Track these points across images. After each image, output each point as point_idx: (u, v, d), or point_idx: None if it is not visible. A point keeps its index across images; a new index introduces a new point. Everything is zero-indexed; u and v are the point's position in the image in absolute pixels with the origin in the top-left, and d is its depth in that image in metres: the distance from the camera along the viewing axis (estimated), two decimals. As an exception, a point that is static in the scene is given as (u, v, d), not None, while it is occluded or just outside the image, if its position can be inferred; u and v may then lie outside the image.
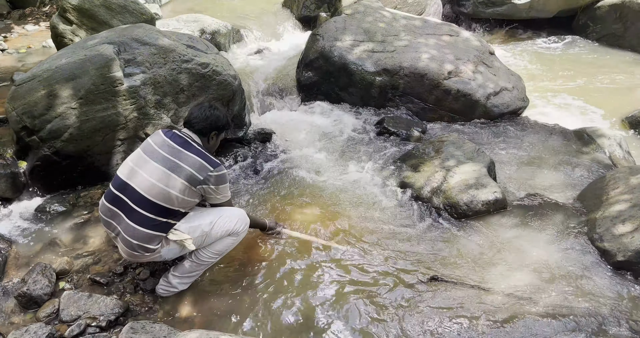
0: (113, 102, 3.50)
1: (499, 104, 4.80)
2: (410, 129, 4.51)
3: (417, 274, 2.98)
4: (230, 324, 2.69)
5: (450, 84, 4.73)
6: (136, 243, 2.56)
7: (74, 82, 3.40)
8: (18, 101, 3.40)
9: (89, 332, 2.56)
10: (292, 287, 2.91)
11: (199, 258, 2.78)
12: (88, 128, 3.46)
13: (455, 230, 3.33)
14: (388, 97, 4.89)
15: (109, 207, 2.63)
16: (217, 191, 2.69)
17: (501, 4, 7.76)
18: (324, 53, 4.94)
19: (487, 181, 3.49)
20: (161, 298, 2.84)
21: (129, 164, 2.67)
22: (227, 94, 3.98)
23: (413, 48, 4.95)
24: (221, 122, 2.76)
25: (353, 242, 3.25)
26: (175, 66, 3.72)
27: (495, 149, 4.30)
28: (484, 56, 5.15)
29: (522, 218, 3.42)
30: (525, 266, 3.01)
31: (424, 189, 3.59)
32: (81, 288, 2.86)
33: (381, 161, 4.14)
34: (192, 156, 2.61)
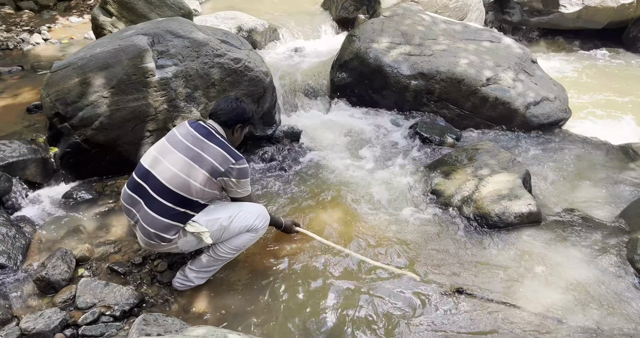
0: (144, 93, 3.51)
1: (539, 114, 4.60)
2: (444, 135, 4.37)
3: (441, 285, 2.85)
4: (243, 324, 2.63)
5: (488, 91, 4.57)
6: (153, 232, 2.53)
7: (107, 72, 3.42)
8: (52, 88, 3.45)
9: (102, 321, 2.54)
10: (309, 291, 2.82)
11: (217, 253, 2.73)
12: (118, 118, 3.48)
13: (484, 242, 3.17)
14: (423, 102, 4.76)
15: (130, 194, 2.62)
16: (238, 185, 2.64)
17: (548, 13, 7.50)
18: (359, 54, 4.85)
19: (521, 193, 3.32)
20: (177, 291, 2.81)
21: (152, 153, 2.65)
22: (258, 91, 3.94)
23: (451, 53, 4.81)
24: (246, 115, 2.71)
25: (374, 248, 3.14)
26: (208, 60, 3.71)
27: (532, 161, 4.12)
28: (525, 63, 4.96)
29: (557, 233, 3.23)
30: (557, 285, 2.84)
31: (454, 197, 3.45)
32: (99, 276, 2.85)
33: (411, 167, 4.01)
34: (215, 147, 2.57)
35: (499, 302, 2.72)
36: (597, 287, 2.80)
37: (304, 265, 2.99)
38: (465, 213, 3.34)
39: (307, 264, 3.00)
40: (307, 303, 2.73)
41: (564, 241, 3.16)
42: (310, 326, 2.60)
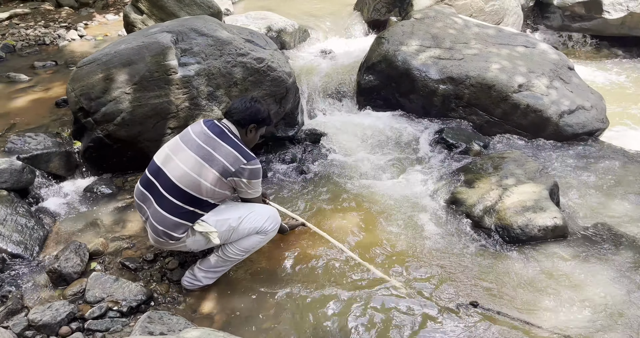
0: (166, 90, 3.53)
1: (573, 124, 4.40)
2: (471, 142, 4.23)
3: (454, 297, 2.74)
4: (249, 327, 2.59)
5: (519, 97, 4.40)
6: (161, 229, 2.52)
7: (130, 68, 3.45)
8: (77, 83, 3.51)
9: (109, 316, 2.54)
10: (319, 298, 2.75)
11: (225, 253, 2.70)
12: (140, 114, 3.50)
13: (504, 255, 3.04)
14: (451, 107, 4.63)
15: (142, 191, 2.62)
16: (249, 185, 2.60)
17: (590, 18, 7.20)
18: (387, 57, 4.76)
19: (547, 205, 3.17)
20: (186, 290, 2.79)
21: (165, 150, 2.64)
22: (280, 91, 3.91)
23: (483, 57, 4.66)
24: (261, 115, 2.67)
25: (389, 255, 3.05)
26: (231, 58, 3.70)
27: (562, 172, 3.93)
28: (561, 70, 4.76)
29: (583, 249, 3.07)
30: (581, 305, 2.68)
31: (475, 207, 3.32)
32: (111, 270, 2.86)
33: (434, 173, 3.90)
34: (226, 147, 2.54)
35: (516, 318, 2.59)
36: (624, 309, 2.63)
37: (317, 270, 2.93)
38: (487, 224, 3.21)
39: (320, 269, 2.94)
40: (316, 311, 2.67)
41: (591, 259, 2.99)
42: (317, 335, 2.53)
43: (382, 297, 2.75)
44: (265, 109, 2.71)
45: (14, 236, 2.91)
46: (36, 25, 6.08)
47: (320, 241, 3.16)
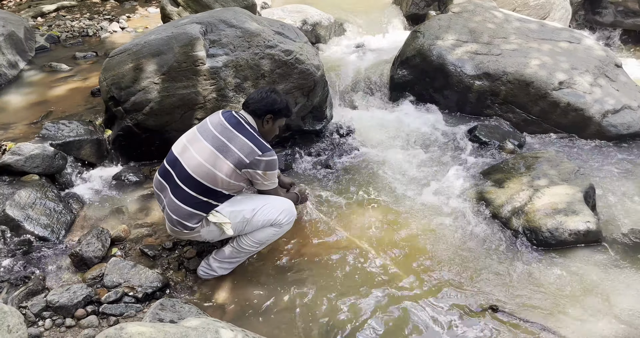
0: (194, 81, 3.55)
1: (618, 124, 4.15)
2: (505, 140, 4.06)
3: (474, 301, 2.63)
4: (261, 320, 2.57)
5: (559, 95, 4.19)
6: (176, 219, 2.54)
7: (159, 58, 3.49)
8: (109, 72, 3.58)
9: (124, 301, 2.58)
10: (337, 293, 2.71)
11: (240, 245, 2.70)
12: (168, 104, 3.55)
13: (531, 259, 2.90)
14: (486, 104, 4.47)
15: (160, 180, 2.64)
16: (265, 177, 2.58)
17: (645, 14, 6.81)
18: (422, 51, 4.64)
19: (581, 208, 3.00)
20: (201, 279, 2.81)
21: (182, 141, 2.66)
22: (308, 84, 3.87)
23: (522, 53, 4.47)
24: (277, 105, 2.63)
25: (409, 254, 2.97)
26: (259, 50, 3.69)
27: (601, 174, 3.72)
28: (607, 67, 4.50)
29: (618, 256, 2.89)
30: (612, 315, 2.52)
31: (503, 207, 3.19)
32: (130, 257, 2.91)
33: (464, 172, 3.76)
34: (242, 138, 2.53)
35: (538, 325, 2.47)
36: (656, 322, 2.46)
37: (336, 265, 2.89)
38: (514, 225, 3.07)
39: (340, 263, 2.90)
40: (331, 307, 2.62)
41: (625, 267, 2.81)
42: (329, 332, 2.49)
43: (400, 295, 2.68)
44: (282, 100, 2.67)
45: (42, 219, 3.00)
46: (81, 18, 6.28)
47: (340, 235, 3.11)
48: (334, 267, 2.89)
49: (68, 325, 2.41)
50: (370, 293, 2.71)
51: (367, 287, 2.74)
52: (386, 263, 2.91)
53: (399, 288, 2.73)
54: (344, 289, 2.74)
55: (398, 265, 2.89)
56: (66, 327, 2.41)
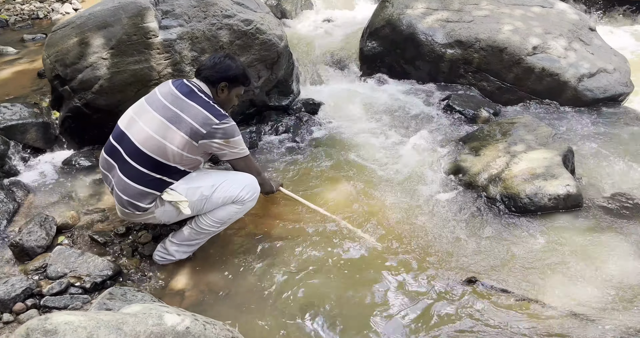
0: (146, 55, 3.29)
1: (594, 88, 4.02)
2: (479, 109, 3.90)
3: (452, 273, 2.46)
4: (224, 305, 2.37)
5: (534, 60, 4.03)
6: (126, 199, 2.30)
7: (106, 31, 3.22)
8: (52, 49, 3.30)
9: (70, 292, 2.35)
10: (306, 271, 2.51)
11: (199, 225, 2.47)
12: (119, 81, 3.28)
13: (510, 227, 2.74)
14: (459, 73, 4.29)
15: (106, 159, 2.40)
16: (228, 145, 2.35)
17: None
18: (391, 21, 4.43)
19: (560, 172, 2.85)
20: (158, 265, 2.58)
21: (129, 113, 2.42)
22: (271, 56, 3.63)
23: (494, 19, 4.29)
24: (232, 72, 2.40)
25: (384, 226, 2.79)
26: (216, 21, 3.44)
27: (579, 139, 3.58)
28: (581, 31, 4.36)
29: (600, 221, 2.75)
30: (596, 281, 2.38)
31: (480, 175, 3.02)
32: (78, 245, 2.67)
33: (438, 142, 3.59)
34: (196, 107, 2.30)
35: (518, 295, 2.31)
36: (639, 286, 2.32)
37: (305, 244, 2.69)
38: (492, 193, 2.91)
39: (310, 243, 2.70)
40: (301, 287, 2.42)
41: (607, 231, 2.67)
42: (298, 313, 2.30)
43: (375, 271, 2.50)
44: (238, 66, 2.43)
45: (-21, 209, 2.74)
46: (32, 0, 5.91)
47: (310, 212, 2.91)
48: (303, 246, 2.69)
49: (5, 320, 2.17)
50: (343, 271, 2.52)
51: (339, 265, 2.55)
52: (359, 238, 2.72)
53: (374, 264, 2.55)
54: (313, 269, 2.54)
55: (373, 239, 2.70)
56: (3, 322, 2.17)
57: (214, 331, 1.64)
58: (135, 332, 1.46)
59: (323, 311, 2.29)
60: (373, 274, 2.50)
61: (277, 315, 2.28)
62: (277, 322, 2.25)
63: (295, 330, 2.20)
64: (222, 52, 2.50)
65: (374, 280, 2.46)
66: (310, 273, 2.51)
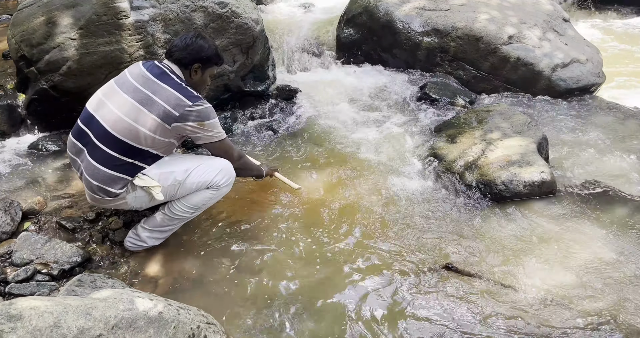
0: (117, 36, 3.17)
1: (567, 78, 4.07)
2: (455, 97, 3.91)
3: (428, 260, 2.46)
4: (198, 292, 2.32)
5: (509, 50, 4.06)
6: (96, 185, 2.22)
7: (74, 10, 3.09)
8: (17, 28, 3.16)
9: (37, 279, 2.26)
10: (283, 260, 2.48)
11: (172, 211, 2.41)
12: (88, 63, 3.16)
13: (486, 214, 2.76)
14: (436, 62, 4.29)
15: (74, 142, 2.31)
16: (204, 128, 2.27)
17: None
18: (368, 8, 4.40)
19: (535, 159, 2.87)
20: (129, 252, 2.51)
21: (98, 96, 2.32)
22: (247, 40, 3.56)
23: (471, 8, 4.30)
24: (205, 52, 2.32)
25: (360, 213, 2.77)
26: (190, 2, 3.34)
27: (553, 128, 3.63)
28: (555, 21, 4.41)
29: (573, 207, 2.79)
30: (569, 266, 2.42)
31: (456, 162, 3.03)
32: (45, 231, 2.57)
33: (414, 129, 3.59)
34: (168, 89, 2.22)
35: (495, 281, 2.33)
36: (613, 271, 2.37)
37: (281, 231, 2.65)
38: (468, 180, 2.92)
39: (286, 229, 2.66)
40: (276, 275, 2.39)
41: (581, 217, 2.72)
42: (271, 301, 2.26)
43: (350, 259, 2.48)
44: (210, 46, 2.36)
45: (-61, 194, 2.61)
46: (-4, -20, 5.66)
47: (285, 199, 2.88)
48: (280, 233, 2.65)
49: (-33, 309, 2.08)
50: (317, 259, 2.49)
51: (313, 252, 2.53)
52: (334, 226, 2.70)
53: (348, 251, 2.53)
54: (289, 256, 2.51)
55: (347, 228, 2.68)
56: (-35, 311, 2.07)
57: (187, 316, 1.60)
58: (105, 317, 1.41)
59: (298, 297, 2.26)
60: (349, 259, 2.48)
61: (251, 301, 2.25)
62: (251, 308, 2.21)
63: (270, 316, 2.17)
64: (193, 32, 2.41)
65: (350, 265, 2.44)
66: (286, 259, 2.48)
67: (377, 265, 2.43)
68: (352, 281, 2.35)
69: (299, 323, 2.14)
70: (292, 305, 2.22)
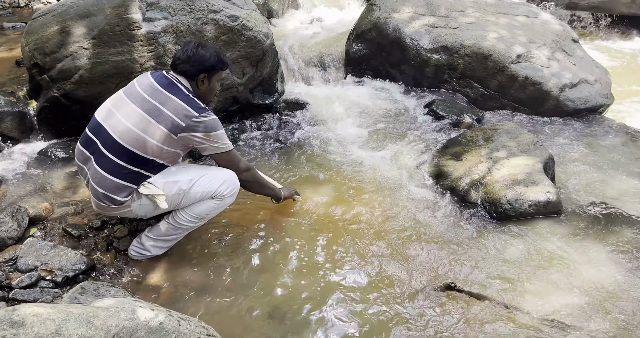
0: (129, 47, 3.22)
1: (575, 98, 4.07)
2: (463, 114, 3.92)
3: (431, 278, 2.45)
4: (200, 301, 2.32)
5: (517, 69, 4.07)
6: (102, 192, 2.24)
7: (88, 21, 3.15)
8: (32, 36, 3.21)
9: (40, 286, 2.27)
10: (285, 272, 2.48)
11: (176, 220, 2.42)
12: (100, 72, 3.21)
13: (490, 233, 2.75)
14: (444, 79, 4.31)
15: (82, 151, 2.34)
16: (210, 139, 2.29)
17: (599, -5, 6.83)
18: (378, 24, 4.44)
19: (540, 179, 2.87)
20: (133, 261, 2.52)
21: (107, 105, 2.36)
22: (256, 53, 3.60)
23: (480, 26, 4.33)
24: (208, 62, 2.34)
25: (364, 230, 2.77)
26: (202, 15, 3.39)
27: (560, 147, 3.62)
28: (564, 42, 4.42)
29: (579, 228, 2.77)
30: (574, 287, 2.39)
31: (461, 180, 3.02)
32: (51, 237, 2.59)
33: (420, 146, 3.59)
34: (175, 100, 2.25)
35: (499, 302, 2.31)
36: (619, 292, 2.34)
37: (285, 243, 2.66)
38: (473, 198, 2.91)
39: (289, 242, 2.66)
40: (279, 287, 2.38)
41: (586, 238, 2.70)
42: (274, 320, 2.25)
43: (353, 275, 2.47)
44: (212, 54, 2.36)
45: (-52, 198, 2.64)
46: (13, -11, 5.78)
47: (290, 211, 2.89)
48: (283, 246, 2.65)
49: (-30, 313, 2.08)
50: (320, 273, 2.49)
51: (317, 267, 2.52)
52: (338, 241, 2.70)
53: (352, 267, 2.52)
54: (292, 269, 2.51)
55: (349, 244, 2.67)
56: (-32, 315, 2.08)
57: (188, 327, 1.60)
58: (106, 325, 1.41)
59: (301, 311, 2.25)
60: (352, 275, 2.47)
61: (253, 313, 2.24)
62: (252, 321, 2.21)
63: (271, 329, 2.17)
64: (193, 43, 2.43)
65: (353, 281, 2.43)
66: (289, 272, 2.48)
67: (378, 282, 2.42)
68: (354, 298, 2.34)
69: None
70: (292, 320, 2.21)
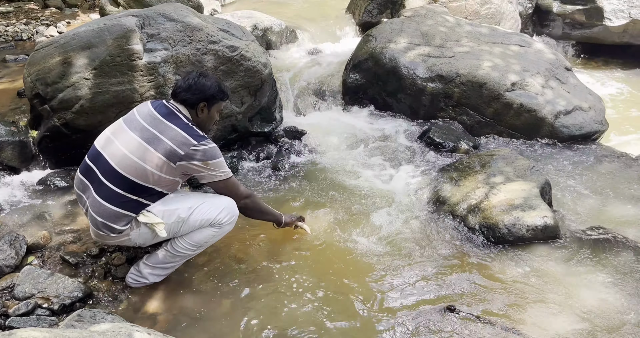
0: (129, 77, 3.29)
1: (570, 125, 4.13)
2: (459, 141, 3.96)
3: (430, 301, 2.44)
4: (197, 329, 2.30)
5: (512, 96, 4.14)
6: (101, 221, 2.25)
7: (90, 52, 3.22)
8: (33, 67, 3.28)
9: (37, 313, 2.26)
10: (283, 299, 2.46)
11: (174, 248, 2.42)
12: (100, 102, 3.26)
13: (488, 257, 2.74)
14: (440, 107, 4.37)
15: (81, 179, 2.36)
16: (208, 167, 2.32)
17: (591, 26, 6.98)
18: (374, 54, 4.53)
19: (537, 203, 2.88)
20: (130, 288, 2.51)
21: (106, 134, 2.39)
22: (255, 83, 3.66)
23: (474, 55, 4.42)
24: (209, 91, 2.39)
25: (364, 256, 2.76)
26: (201, 46, 3.47)
27: (556, 172, 3.65)
28: (557, 70, 4.51)
29: (577, 252, 2.77)
30: (572, 312, 2.38)
31: (459, 205, 3.04)
32: (49, 265, 2.58)
33: (418, 173, 3.62)
34: (174, 128, 2.28)
35: (498, 325, 2.29)
36: (619, 316, 2.33)
37: (283, 270, 2.65)
38: (470, 223, 2.92)
39: (288, 269, 2.65)
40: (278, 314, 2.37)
41: (584, 263, 2.69)
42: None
43: (353, 300, 2.46)
44: (213, 83, 2.41)
45: (-54, 227, 2.64)
46: (17, 23, 5.92)
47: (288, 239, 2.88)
48: (281, 272, 2.64)
49: (-35, 342, 2.06)
50: (319, 298, 2.47)
51: (316, 293, 2.51)
52: (336, 267, 2.69)
53: (352, 293, 2.51)
54: (293, 294, 2.50)
55: (350, 269, 2.67)
56: (-38, 344, 2.06)
57: (184, 354, 1.58)
58: (102, 351, 1.40)
59: None
60: (352, 302, 2.45)
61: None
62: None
63: (270, 357, 2.14)
64: (194, 72, 2.48)
65: (353, 307, 2.41)
66: (289, 299, 2.46)
67: (377, 306, 2.41)
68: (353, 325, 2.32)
69: (298, 365, 2.10)
70: (292, 346, 2.19)
